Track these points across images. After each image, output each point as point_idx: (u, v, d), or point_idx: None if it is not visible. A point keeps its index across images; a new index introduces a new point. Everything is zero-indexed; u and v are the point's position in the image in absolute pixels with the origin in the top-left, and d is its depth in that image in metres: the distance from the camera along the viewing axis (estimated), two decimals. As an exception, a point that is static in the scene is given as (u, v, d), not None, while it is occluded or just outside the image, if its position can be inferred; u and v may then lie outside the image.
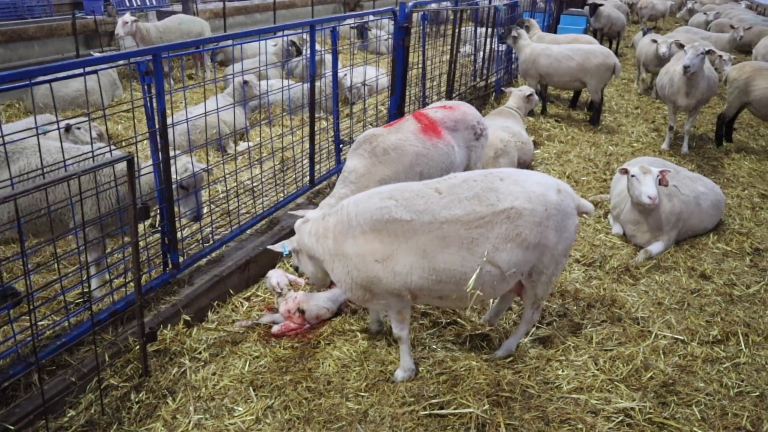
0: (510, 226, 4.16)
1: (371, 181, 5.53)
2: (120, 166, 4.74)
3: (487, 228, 4.16)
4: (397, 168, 5.63)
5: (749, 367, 4.92)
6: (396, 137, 5.77)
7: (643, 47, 13.62)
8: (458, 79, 11.10)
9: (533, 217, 4.20)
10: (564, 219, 4.36)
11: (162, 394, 4.41)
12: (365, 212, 4.25)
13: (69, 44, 12.78)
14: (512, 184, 4.32)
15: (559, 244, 4.37)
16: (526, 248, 4.22)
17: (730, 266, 6.50)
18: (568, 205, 4.41)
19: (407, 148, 5.75)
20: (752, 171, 9.55)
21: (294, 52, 12.44)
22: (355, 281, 4.30)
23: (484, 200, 4.21)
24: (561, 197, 4.37)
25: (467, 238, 4.13)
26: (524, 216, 4.18)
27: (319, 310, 5.26)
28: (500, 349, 4.88)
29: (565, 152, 9.79)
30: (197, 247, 5.70)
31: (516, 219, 4.16)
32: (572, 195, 4.53)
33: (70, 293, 5.00)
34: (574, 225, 4.48)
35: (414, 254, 4.14)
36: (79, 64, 4.22)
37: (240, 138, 9.24)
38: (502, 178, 4.37)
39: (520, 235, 4.17)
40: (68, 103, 10.06)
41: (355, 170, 5.60)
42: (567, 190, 4.50)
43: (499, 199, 4.21)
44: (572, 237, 4.49)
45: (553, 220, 4.27)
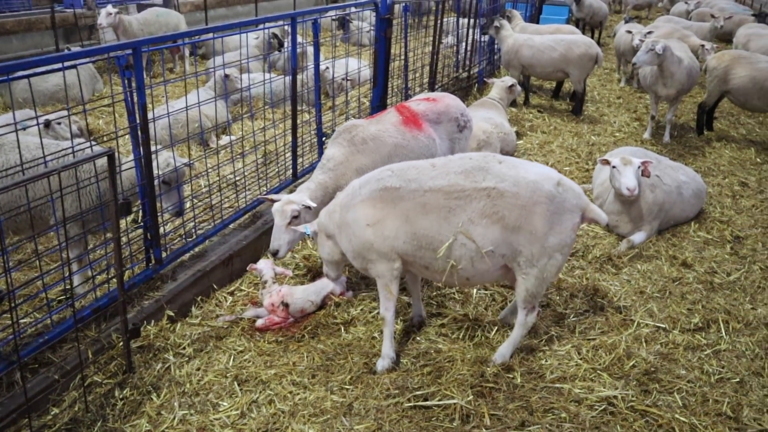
0: (488, 203, 4.31)
1: (348, 169, 5.60)
2: (101, 162, 4.70)
3: (465, 201, 4.35)
4: (374, 158, 5.66)
5: (730, 353, 4.99)
6: (376, 128, 5.80)
7: (620, 38, 13.72)
8: (441, 70, 11.11)
9: (516, 199, 4.27)
10: (557, 212, 4.32)
11: (146, 391, 4.39)
12: (366, 184, 4.63)
13: (48, 38, 12.64)
14: (508, 167, 4.43)
15: (550, 237, 4.32)
16: (505, 228, 4.30)
17: (711, 254, 6.57)
18: (566, 200, 4.35)
19: (386, 139, 5.78)
20: (733, 159, 9.65)
21: (276, 44, 12.38)
22: (354, 248, 4.63)
23: (470, 176, 4.40)
24: (558, 190, 4.34)
25: (445, 207, 4.36)
26: (505, 197, 4.29)
27: (303, 303, 5.27)
28: (496, 355, 4.74)
29: (548, 143, 9.84)
30: (180, 242, 5.67)
31: (496, 198, 4.30)
32: (577, 194, 4.45)
33: (52, 290, 4.97)
34: (572, 223, 4.39)
35: (399, 219, 4.45)
36: (58, 58, 4.18)
37: (222, 132, 9.19)
38: (500, 161, 4.50)
39: (498, 213, 4.29)
40: (48, 98, 9.95)
41: (334, 158, 5.64)
42: (570, 187, 4.44)
43: (485, 178, 4.37)
44: (568, 234, 4.39)
45: (541, 207, 4.27)
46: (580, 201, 4.45)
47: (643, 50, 9.18)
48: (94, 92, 10.93)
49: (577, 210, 4.43)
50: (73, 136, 5.33)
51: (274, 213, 5.36)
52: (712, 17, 15.81)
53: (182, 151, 7.79)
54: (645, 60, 9.22)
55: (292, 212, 5.25)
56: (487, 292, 5.62)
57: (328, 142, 5.84)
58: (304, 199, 5.32)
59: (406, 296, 5.55)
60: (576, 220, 4.42)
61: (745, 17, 17.87)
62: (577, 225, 4.46)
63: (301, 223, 5.24)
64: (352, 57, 11.36)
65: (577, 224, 4.46)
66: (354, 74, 10.33)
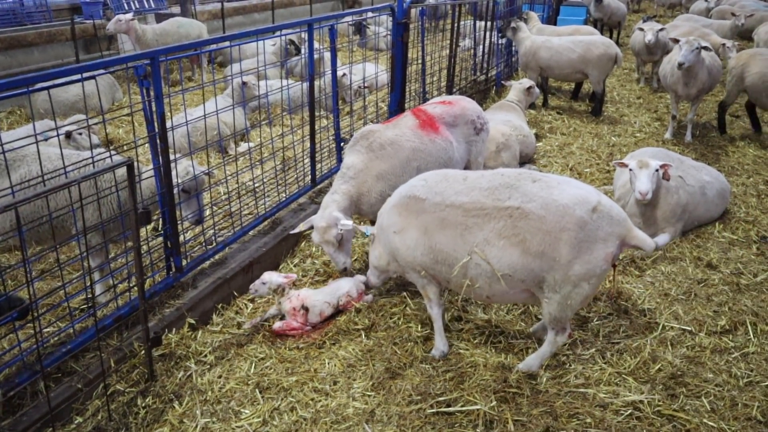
0: (508, 223, 4.15)
1: (368, 175, 5.60)
2: (120, 171, 4.73)
3: (483, 219, 4.23)
4: (393, 163, 5.65)
5: (758, 356, 4.89)
6: (393, 133, 5.80)
7: (635, 37, 13.58)
8: (458, 73, 11.07)
9: (541, 223, 4.08)
10: (588, 240, 4.05)
11: (168, 399, 4.40)
12: (400, 190, 4.78)
13: (69, 49, 12.78)
14: (540, 187, 4.21)
15: (576, 265, 4.07)
16: (525, 252, 4.13)
17: (736, 255, 6.46)
18: (600, 228, 4.07)
19: (404, 144, 5.76)
20: (757, 158, 9.49)
21: (293, 51, 12.42)
22: (387, 252, 4.83)
23: (495, 194, 4.27)
24: (593, 217, 4.05)
25: (462, 224, 4.29)
26: (530, 219, 4.10)
27: (321, 305, 5.24)
28: (522, 364, 4.62)
29: (568, 144, 9.75)
30: (200, 249, 5.69)
31: (518, 219, 4.13)
32: (616, 221, 4.14)
33: (74, 300, 5.00)
34: (605, 253, 4.09)
35: (419, 231, 4.49)
36: (77, 69, 4.20)
37: (240, 139, 9.22)
38: (535, 180, 4.28)
39: (518, 236, 4.13)
40: (68, 109, 10.04)
41: (354, 166, 5.63)
42: (608, 213, 4.11)
43: (511, 197, 4.20)
44: (598, 264, 4.10)
45: (568, 234, 4.04)
46: (619, 228, 4.13)
47: (687, 50, 9.04)
48: (113, 101, 11.03)
49: (613, 238, 4.11)
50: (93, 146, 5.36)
51: (319, 244, 5.50)
52: (733, 15, 15.60)
53: (201, 159, 7.82)
54: (691, 59, 9.09)
55: (336, 237, 5.36)
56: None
57: (346, 150, 5.82)
58: (340, 222, 5.33)
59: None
60: (610, 249, 4.10)
61: (766, 14, 17.61)
62: (612, 254, 4.13)
63: (347, 240, 5.47)
64: (369, 62, 11.36)
65: (612, 254, 4.13)
66: (371, 79, 10.33)
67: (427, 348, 4.92)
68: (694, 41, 9.09)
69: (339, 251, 5.44)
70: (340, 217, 5.36)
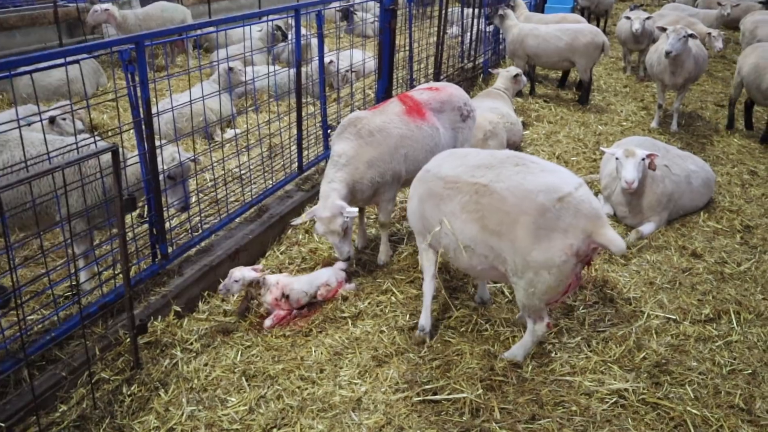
0: (472, 198, 4.31)
1: (360, 162, 5.54)
2: (105, 157, 4.68)
3: (454, 192, 4.44)
4: (382, 150, 5.62)
5: (741, 345, 4.95)
6: (380, 119, 5.75)
7: (621, 26, 13.58)
8: (446, 60, 11.02)
9: (502, 204, 4.15)
10: (546, 227, 4.01)
11: (154, 387, 4.37)
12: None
13: (51, 33, 12.58)
14: (517, 171, 4.26)
15: (534, 251, 4.04)
16: (484, 229, 4.25)
17: (720, 244, 6.51)
18: (562, 218, 4.00)
19: (392, 131, 5.73)
20: (741, 148, 9.56)
21: (279, 37, 12.31)
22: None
23: (474, 171, 4.43)
24: (557, 206, 4.00)
25: (439, 195, 4.55)
26: (492, 198, 4.21)
27: (299, 293, 5.22)
28: (507, 353, 4.65)
29: (555, 132, 9.76)
30: (186, 236, 5.65)
31: (482, 196, 4.27)
32: (585, 215, 4.03)
33: (59, 287, 4.95)
34: (564, 244, 4.00)
35: (418, 198, 4.81)
36: (60, 54, 4.13)
37: (227, 125, 9.15)
38: (519, 164, 4.35)
39: (479, 212, 4.27)
40: (52, 93, 9.91)
41: (345, 153, 5.56)
42: (575, 206, 4.02)
43: (485, 175, 4.34)
44: (556, 254, 4.02)
45: (527, 219, 4.04)
46: (585, 222, 4.02)
47: (675, 38, 9.04)
48: (98, 87, 10.89)
49: (576, 231, 4.01)
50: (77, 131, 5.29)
51: (324, 235, 5.41)
52: (719, 5, 15.67)
53: (187, 146, 7.75)
54: (679, 48, 9.09)
55: (342, 226, 5.29)
56: (496, 285, 5.57)
57: (334, 137, 5.77)
58: (344, 210, 5.26)
59: (415, 289, 5.52)
60: (570, 241, 4.00)
61: (752, 4, 17.70)
62: (573, 247, 4.01)
63: (349, 228, 5.42)
64: (356, 48, 11.29)
65: (573, 246, 4.01)
66: (358, 66, 10.27)
67: (413, 336, 4.92)
68: (681, 30, 9.11)
69: (344, 240, 5.38)
70: (344, 205, 5.28)
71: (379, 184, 5.66)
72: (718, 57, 15.90)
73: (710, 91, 12.81)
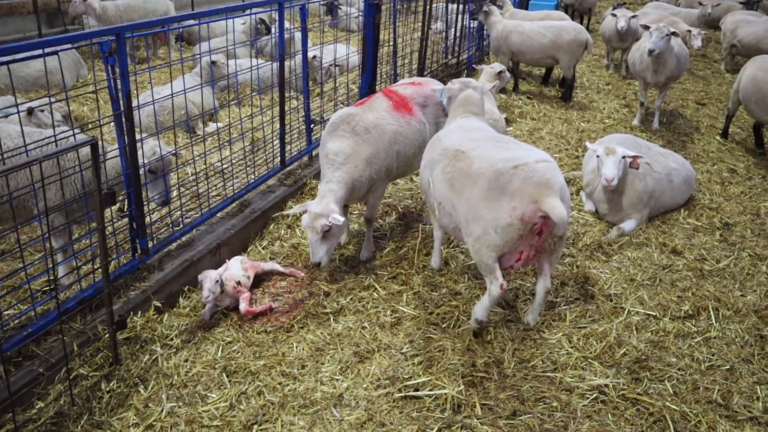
0: (450, 162, 4.83)
1: (359, 160, 5.44)
2: (85, 151, 4.61)
3: (442, 157, 4.96)
4: (378, 147, 5.58)
5: (719, 341, 4.99)
6: (373, 116, 5.70)
7: (606, 23, 13.64)
8: (430, 56, 11.01)
9: (469, 168, 4.65)
10: (497, 189, 4.39)
11: (133, 383, 4.33)
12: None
13: (31, 23, 12.39)
14: (495, 146, 4.76)
15: (482, 209, 4.45)
16: (451, 188, 4.77)
17: (700, 241, 6.57)
18: (512, 182, 4.34)
19: (386, 127, 5.70)
20: (721, 146, 9.66)
21: (263, 30, 12.23)
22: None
23: (465, 143, 4.90)
24: (511, 171, 4.37)
25: (436, 160, 5.05)
26: (463, 162, 4.71)
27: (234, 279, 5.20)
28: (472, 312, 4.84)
29: (538, 129, 9.79)
30: (167, 231, 5.59)
31: (456, 160, 4.78)
32: (536, 183, 4.30)
33: (36, 281, 4.88)
34: (509, 206, 4.32)
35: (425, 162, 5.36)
36: (39, 44, 4.06)
37: (209, 119, 9.07)
38: (498, 141, 4.90)
39: (451, 173, 4.78)
40: (30, 84, 9.78)
41: (341, 151, 5.43)
42: (527, 174, 4.34)
43: (468, 146, 4.84)
44: (502, 216, 4.35)
45: (483, 179, 4.48)
46: (532, 189, 4.30)
47: (657, 37, 9.07)
48: (78, 78, 10.75)
49: (523, 196, 4.30)
50: (55, 123, 5.21)
51: (305, 228, 5.26)
52: (700, 4, 15.80)
53: (168, 139, 7.68)
54: (662, 46, 9.12)
55: (323, 227, 5.13)
56: (477, 281, 5.58)
57: (325, 135, 5.65)
58: (332, 215, 5.11)
59: (397, 285, 5.51)
60: (515, 204, 4.31)
61: (732, 4, 17.86)
62: (516, 210, 4.31)
63: (333, 235, 5.28)
64: (340, 43, 11.25)
65: (516, 209, 4.31)
66: (342, 60, 10.23)
67: (395, 332, 4.92)
68: (664, 28, 9.16)
69: (321, 243, 5.20)
70: (335, 210, 5.15)
71: (374, 181, 5.62)
72: (699, 56, 16.04)
73: (691, 90, 12.91)
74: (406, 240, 6.29)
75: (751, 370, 4.69)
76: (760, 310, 5.36)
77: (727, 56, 14.90)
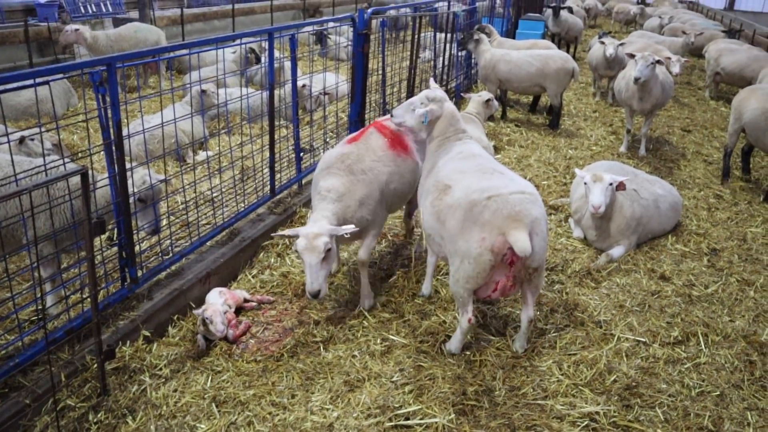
0: (438, 195, 4.91)
1: (352, 200, 5.23)
2: (74, 180, 4.62)
3: (434, 188, 5.01)
4: (373, 188, 5.38)
5: (709, 366, 5.01)
6: (369, 156, 5.49)
7: (593, 51, 13.83)
8: (418, 85, 11.12)
9: (451, 199, 4.74)
10: (470, 220, 4.48)
11: (121, 414, 4.29)
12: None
13: (22, 52, 12.47)
14: (481, 177, 4.79)
15: (459, 240, 4.56)
16: (437, 219, 4.86)
17: (688, 267, 6.61)
18: (483, 213, 4.42)
19: (382, 168, 5.48)
20: (707, 172, 9.77)
21: (253, 59, 12.33)
22: None
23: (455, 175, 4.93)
24: (484, 202, 4.45)
25: (429, 191, 5.09)
26: (447, 195, 4.80)
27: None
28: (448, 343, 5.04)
29: (526, 157, 9.88)
30: (156, 260, 5.57)
31: (443, 193, 4.86)
32: (505, 216, 4.37)
33: (24, 311, 4.85)
34: (479, 237, 4.41)
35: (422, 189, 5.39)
36: (30, 74, 4.09)
37: (199, 147, 9.10)
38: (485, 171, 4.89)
39: (437, 206, 4.87)
40: (21, 113, 9.79)
41: (335, 188, 5.20)
42: (498, 205, 4.40)
43: (450, 177, 4.91)
44: (473, 246, 4.43)
45: (460, 211, 4.59)
46: (500, 221, 4.36)
47: (643, 65, 9.23)
48: (68, 107, 10.78)
49: (492, 227, 4.38)
50: (45, 153, 5.22)
51: (301, 252, 4.79)
52: (684, 33, 16.09)
53: (158, 167, 7.69)
54: (647, 74, 9.27)
55: (325, 246, 4.75)
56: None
57: (319, 172, 5.43)
58: (331, 228, 4.87)
59: (387, 313, 5.51)
60: (485, 235, 4.39)
61: (715, 33, 18.21)
62: (485, 241, 4.39)
63: (331, 259, 4.95)
64: (329, 72, 11.35)
65: (485, 240, 4.39)
66: (332, 89, 10.31)
67: (386, 360, 4.91)
68: (649, 56, 9.32)
69: (320, 268, 4.80)
70: (333, 230, 4.89)
71: (368, 222, 5.40)
72: (684, 83, 16.30)
73: (677, 117, 13.09)
74: (395, 267, 6.30)
75: (741, 396, 4.70)
76: (748, 335, 5.39)
77: (711, 83, 15.15)
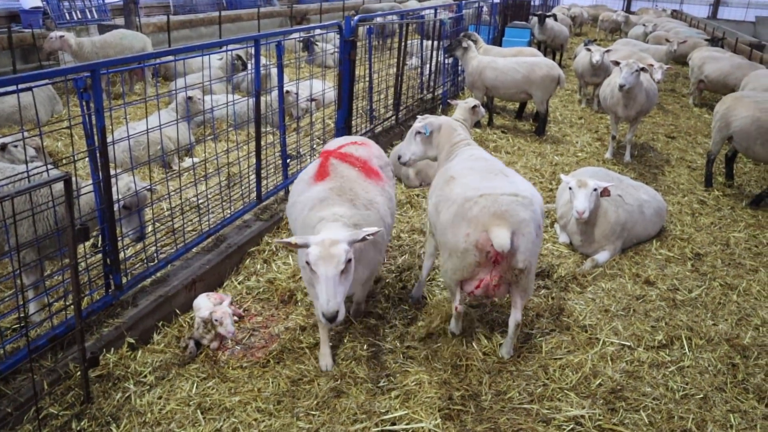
0: (441, 188, 5.12)
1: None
2: (58, 186, 4.59)
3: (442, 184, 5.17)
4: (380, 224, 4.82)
5: (693, 370, 5.04)
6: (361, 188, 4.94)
7: (580, 58, 13.93)
8: (405, 91, 11.17)
9: (450, 194, 4.91)
10: (459, 215, 4.67)
11: (105, 422, 4.25)
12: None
13: (5, 59, 12.39)
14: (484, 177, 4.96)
15: (449, 233, 4.74)
16: (436, 210, 5.05)
17: (672, 272, 6.66)
18: (472, 210, 4.60)
19: (378, 198, 5.00)
20: (691, 178, 9.85)
21: (239, 66, 12.33)
22: None
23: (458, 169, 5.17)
24: (474, 200, 4.62)
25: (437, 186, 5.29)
26: (448, 188, 4.99)
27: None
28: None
29: (512, 163, 9.92)
30: (141, 266, 5.55)
31: (445, 186, 5.05)
32: (491, 213, 4.49)
33: (6, 319, 4.80)
34: (464, 232, 4.59)
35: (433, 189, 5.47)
36: (13, 80, 4.07)
37: (185, 154, 9.07)
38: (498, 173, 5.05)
39: (438, 197, 5.08)
40: (4, 120, 9.72)
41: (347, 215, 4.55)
42: (486, 203, 4.55)
43: (457, 171, 5.13)
44: (459, 240, 4.63)
45: (453, 207, 4.76)
46: (485, 218, 4.53)
47: (627, 72, 9.32)
48: (53, 114, 10.72)
49: (477, 224, 4.55)
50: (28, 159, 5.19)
51: (314, 263, 3.98)
52: (667, 41, 16.25)
53: (144, 174, 7.66)
54: (631, 81, 9.36)
55: (346, 254, 4.01)
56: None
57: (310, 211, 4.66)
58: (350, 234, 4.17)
59: (374, 319, 5.50)
60: (469, 231, 4.58)
61: (699, 41, 18.40)
62: (470, 237, 4.57)
63: (350, 272, 4.12)
64: (316, 79, 11.36)
65: (470, 236, 4.57)
66: (318, 95, 10.32)
67: (371, 366, 4.90)
68: (634, 64, 9.41)
69: (339, 282, 3.99)
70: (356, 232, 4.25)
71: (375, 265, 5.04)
72: (668, 90, 16.45)
73: (661, 123, 13.20)
74: (382, 274, 6.30)
75: (724, 399, 4.73)
76: (731, 339, 5.44)
77: (694, 91, 15.29)
